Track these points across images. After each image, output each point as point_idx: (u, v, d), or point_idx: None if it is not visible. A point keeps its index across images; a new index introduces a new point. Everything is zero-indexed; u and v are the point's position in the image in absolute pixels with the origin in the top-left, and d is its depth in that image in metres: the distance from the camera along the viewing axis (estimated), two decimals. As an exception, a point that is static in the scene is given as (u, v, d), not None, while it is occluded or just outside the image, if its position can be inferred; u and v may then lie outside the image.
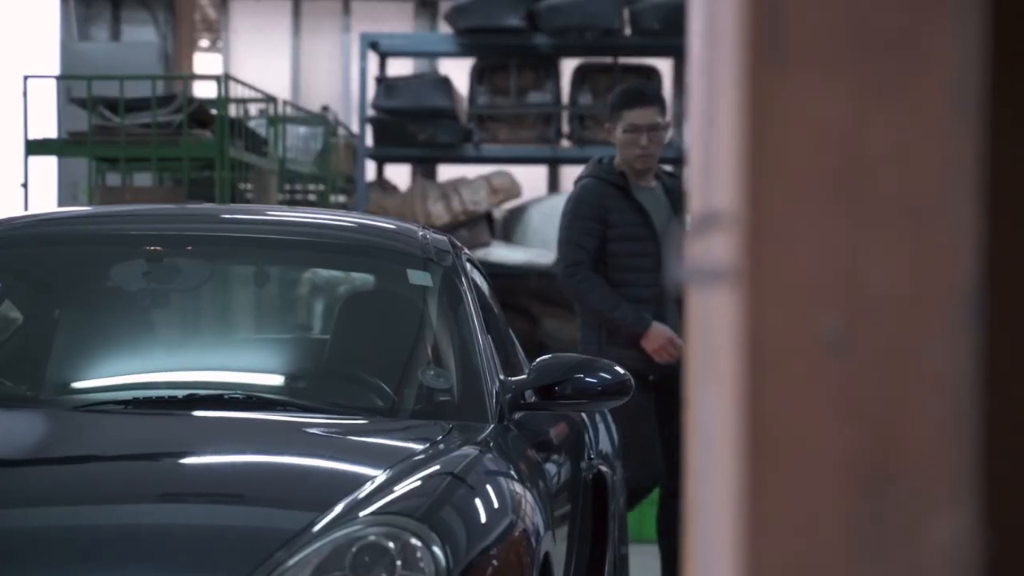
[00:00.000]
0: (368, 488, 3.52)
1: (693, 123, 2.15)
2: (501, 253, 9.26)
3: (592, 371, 4.15)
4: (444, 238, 4.60)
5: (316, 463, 3.87)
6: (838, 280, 1.30)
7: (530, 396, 4.15)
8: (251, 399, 4.04)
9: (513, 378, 4.26)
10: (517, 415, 4.17)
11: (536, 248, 9.35)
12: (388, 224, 4.79)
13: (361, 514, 3.40)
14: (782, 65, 1.31)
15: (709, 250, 1.44)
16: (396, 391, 4.15)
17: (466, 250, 4.72)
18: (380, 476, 3.59)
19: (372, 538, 3.32)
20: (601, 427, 5.19)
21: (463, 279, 4.40)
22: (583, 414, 4.93)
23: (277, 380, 4.31)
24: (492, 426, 4.04)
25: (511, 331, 5.09)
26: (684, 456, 1.99)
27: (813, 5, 1.30)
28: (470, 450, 3.81)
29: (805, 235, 1.31)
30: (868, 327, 1.30)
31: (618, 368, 4.22)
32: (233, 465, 3.85)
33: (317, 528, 3.37)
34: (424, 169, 10.34)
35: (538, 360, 4.26)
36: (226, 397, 4.03)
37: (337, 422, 3.99)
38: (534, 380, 4.15)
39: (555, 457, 4.59)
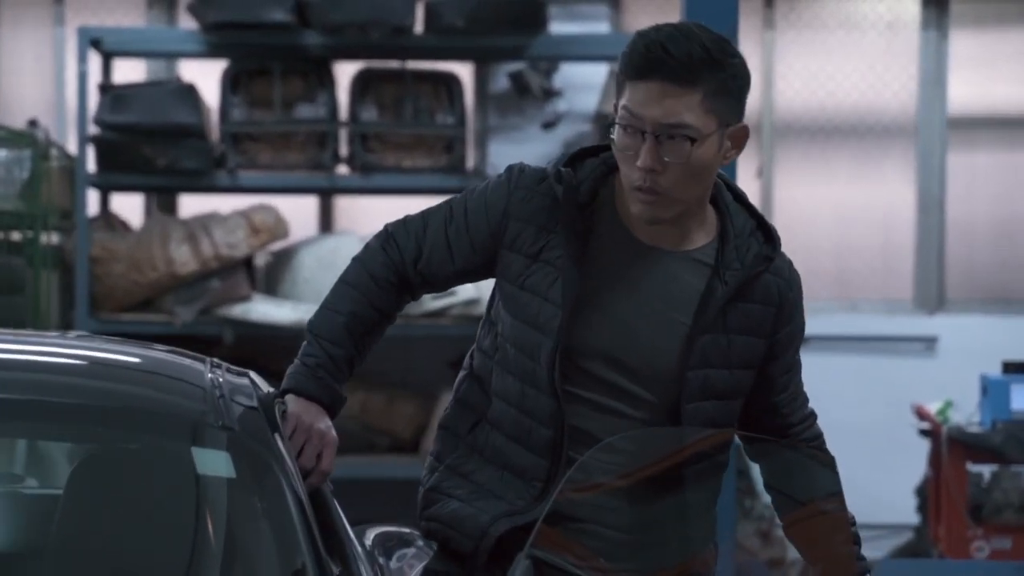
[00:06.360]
0: None
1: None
2: (264, 310, 7.88)
3: None
4: (244, 380, 2.94)
5: None
6: None
7: None
8: None
9: None
10: None
11: (308, 303, 7.87)
12: (157, 362, 3.05)
13: None
14: None
15: None
16: None
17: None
18: None
19: None
20: None
21: (282, 449, 2.78)
22: None
23: None
24: None
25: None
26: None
27: None
28: None
29: None
30: None
31: None
32: None
33: None
34: (163, 201, 8.78)
35: None
36: None
37: None
38: None
39: None
